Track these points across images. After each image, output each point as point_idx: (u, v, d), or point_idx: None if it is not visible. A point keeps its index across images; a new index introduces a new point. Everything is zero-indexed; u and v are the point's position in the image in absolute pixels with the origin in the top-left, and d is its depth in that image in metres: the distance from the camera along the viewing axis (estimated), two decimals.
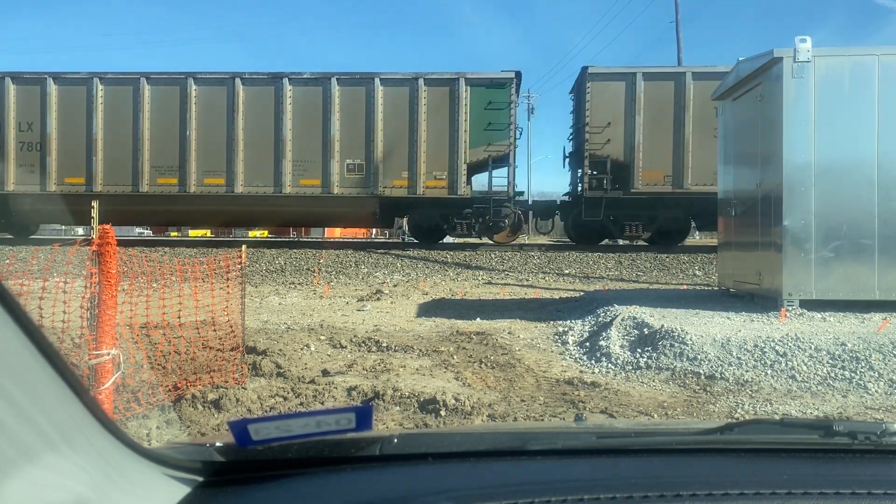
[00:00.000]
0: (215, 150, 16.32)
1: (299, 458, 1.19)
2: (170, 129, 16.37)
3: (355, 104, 16.21)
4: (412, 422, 4.53)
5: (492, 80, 16.37)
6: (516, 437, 1.44)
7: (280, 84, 16.24)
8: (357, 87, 16.23)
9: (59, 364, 0.85)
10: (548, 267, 15.07)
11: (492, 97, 16.24)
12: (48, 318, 4.04)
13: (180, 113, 16.34)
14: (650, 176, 16.03)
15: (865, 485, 1.09)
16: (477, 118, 16.23)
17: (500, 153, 16.43)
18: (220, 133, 16.33)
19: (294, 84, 16.27)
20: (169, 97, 16.38)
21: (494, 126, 16.24)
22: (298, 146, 16.28)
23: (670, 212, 16.50)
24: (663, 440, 1.39)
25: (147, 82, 16.43)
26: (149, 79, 16.45)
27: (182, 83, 16.36)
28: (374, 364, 6.12)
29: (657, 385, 5.67)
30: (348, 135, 16.24)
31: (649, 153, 15.97)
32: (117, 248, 4.06)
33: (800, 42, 7.21)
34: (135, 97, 16.39)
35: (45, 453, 0.80)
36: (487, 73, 16.51)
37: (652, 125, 15.96)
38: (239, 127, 16.26)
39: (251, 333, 7.04)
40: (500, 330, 8.08)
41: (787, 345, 5.92)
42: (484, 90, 16.26)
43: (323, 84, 16.21)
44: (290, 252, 15.85)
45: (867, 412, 4.90)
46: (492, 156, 16.38)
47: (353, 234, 28.75)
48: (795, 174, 7.24)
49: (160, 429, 4.21)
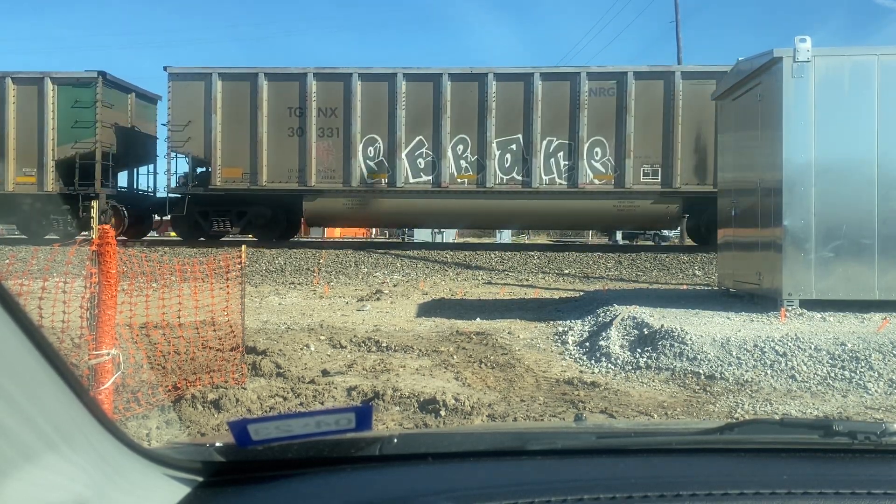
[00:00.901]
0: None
1: (299, 458, 1.19)
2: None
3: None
4: (412, 422, 4.53)
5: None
6: (516, 437, 1.44)
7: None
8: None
9: (59, 364, 0.85)
10: (548, 267, 15.08)
11: None
12: (48, 318, 4.04)
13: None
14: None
15: (865, 485, 1.09)
16: None
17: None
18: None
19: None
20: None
21: None
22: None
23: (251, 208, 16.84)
24: (663, 440, 1.39)
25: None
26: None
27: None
28: (374, 364, 6.12)
29: (657, 385, 5.67)
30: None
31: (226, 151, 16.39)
32: (117, 248, 4.06)
33: (799, 42, 7.21)
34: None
35: (45, 453, 0.80)
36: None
37: (230, 124, 16.35)
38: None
39: (251, 333, 7.04)
40: (500, 330, 8.08)
41: (787, 345, 5.92)
42: None
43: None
44: (289, 252, 15.85)
45: (867, 412, 4.90)
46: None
47: (353, 233, 28.75)
48: (795, 174, 7.24)
49: (160, 429, 4.21)
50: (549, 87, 16.05)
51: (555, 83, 16.08)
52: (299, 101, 16.30)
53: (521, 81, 16.08)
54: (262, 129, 16.28)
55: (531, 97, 15.96)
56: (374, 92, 16.23)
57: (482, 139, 16.11)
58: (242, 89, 16.40)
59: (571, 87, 15.99)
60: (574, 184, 16.02)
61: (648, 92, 15.91)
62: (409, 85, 16.16)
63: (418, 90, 16.17)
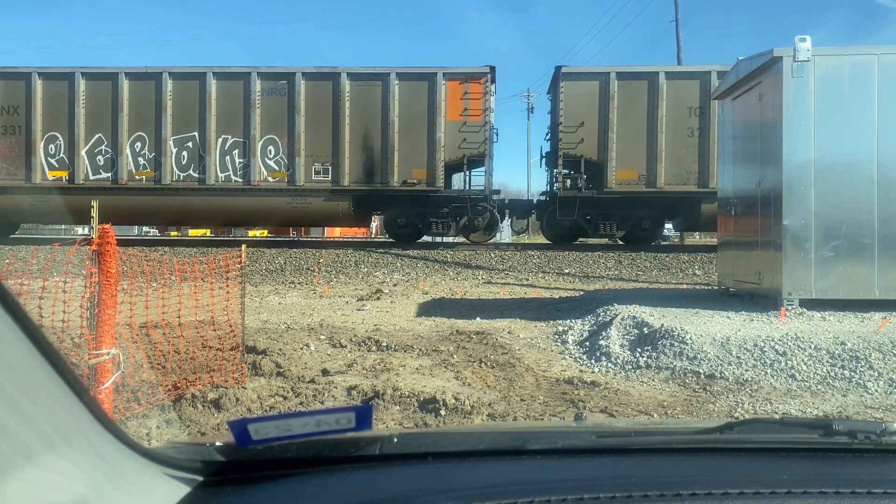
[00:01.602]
0: None
1: (299, 457, 1.19)
2: None
3: None
4: (412, 421, 4.53)
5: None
6: (516, 436, 1.44)
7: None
8: None
9: (59, 364, 0.85)
10: (548, 266, 15.07)
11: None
12: (48, 318, 4.04)
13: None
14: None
15: (865, 484, 1.09)
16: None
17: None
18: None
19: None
20: None
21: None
22: None
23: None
24: (663, 439, 1.39)
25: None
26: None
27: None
28: (374, 363, 6.12)
29: (657, 384, 5.68)
30: None
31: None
32: (117, 247, 4.06)
33: (799, 41, 7.21)
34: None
35: (45, 453, 0.80)
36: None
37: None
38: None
39: (251, 333, 7.04)
40: (500, 329, 8.08)
41: (787, 344, 5.92)
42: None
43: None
44: (289, 251, 15.86)
45: (867, 411, 4.90)
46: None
47: (352, 233, 28.75)
48: (795, 173, 7.24)
49: (160, 428, 4.21)
50: (223, 86, 16.33)
51: (228, 82, 16.33)
52: None
53: (196, 80, 16.37)
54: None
55: (205, 95, 16.20)
56: (55, 91, 16.51)
57: (158, 136, 16.38)
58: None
59: (244, 87, 16.23)
60: (248, 181, 16.33)
61: (318, 93, 16.20)
62: (88, 84, 16.45)
63: (96, 88, 16.45)
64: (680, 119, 15.84)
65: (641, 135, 15.96)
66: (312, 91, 16.19)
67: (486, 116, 16.19)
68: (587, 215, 16.62)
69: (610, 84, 15.96)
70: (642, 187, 16.05)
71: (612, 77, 15.97)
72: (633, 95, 15.97)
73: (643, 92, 15.94)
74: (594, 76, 16.17)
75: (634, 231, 16.97)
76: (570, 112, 16.11)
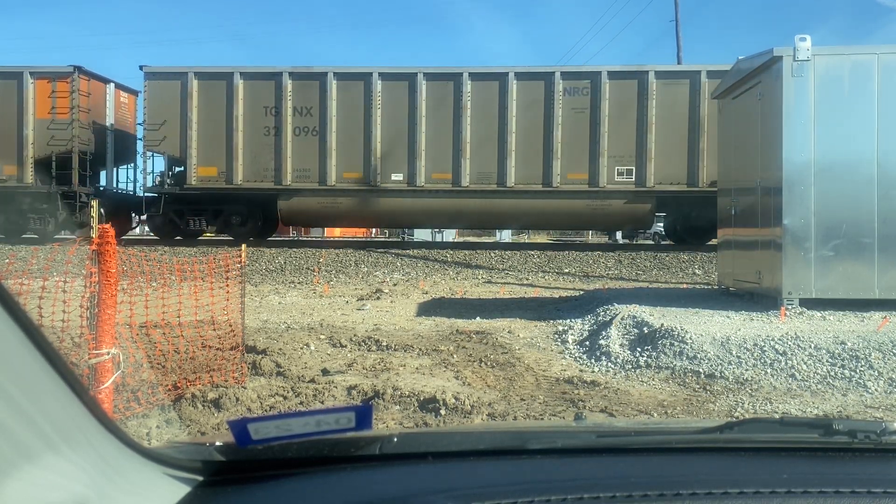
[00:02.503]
0: None
1: (299, 457, 1.19)
2: None
3: None
4: (412, 421, 4.53)
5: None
6: (516, 436, 1.44)
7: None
8: None
9: (59, 364, 0.85)
10: (548, 266, 15.08)
11: None
12: (48, 318, 4.03)
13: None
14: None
15: (865, 483, 1.09)
16: None
17: None
18: None
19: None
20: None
21: None
22: None
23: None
24: (663, 439, 1.39)
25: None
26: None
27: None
28: (374, 363, 6.12)
29: (657, 384, 5.68)
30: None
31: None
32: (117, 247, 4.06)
33: (799, 41, 7.21)
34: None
35: (45, 453, 0.80)
36: None
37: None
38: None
39: (251, 333, 7.04)
40: (500, 329, 8.08)
41: (787, 343, 5.92)
42: None
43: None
44: (289, 251, 15.85)
45: (867, 411, 4.90)
46: None
47: (352, 233, 28.74)
48: (795, 173, 7.24)
49: (160, 428, 4.21)
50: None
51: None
52: None
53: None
54: None
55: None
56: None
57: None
58: None
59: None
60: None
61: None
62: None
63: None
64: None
65: (221, 133, 16.61)
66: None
67: (73, 114, 16.77)
68: (178, 211, 17.09)
69: (189, 84, 16.49)
70: (222, 184, 16.66)
71: (190, 77, 16.52)
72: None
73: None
74: (175, 76, 16.72)
75: (230, 227, 17.36)
76: (154, 111, 16.74)
